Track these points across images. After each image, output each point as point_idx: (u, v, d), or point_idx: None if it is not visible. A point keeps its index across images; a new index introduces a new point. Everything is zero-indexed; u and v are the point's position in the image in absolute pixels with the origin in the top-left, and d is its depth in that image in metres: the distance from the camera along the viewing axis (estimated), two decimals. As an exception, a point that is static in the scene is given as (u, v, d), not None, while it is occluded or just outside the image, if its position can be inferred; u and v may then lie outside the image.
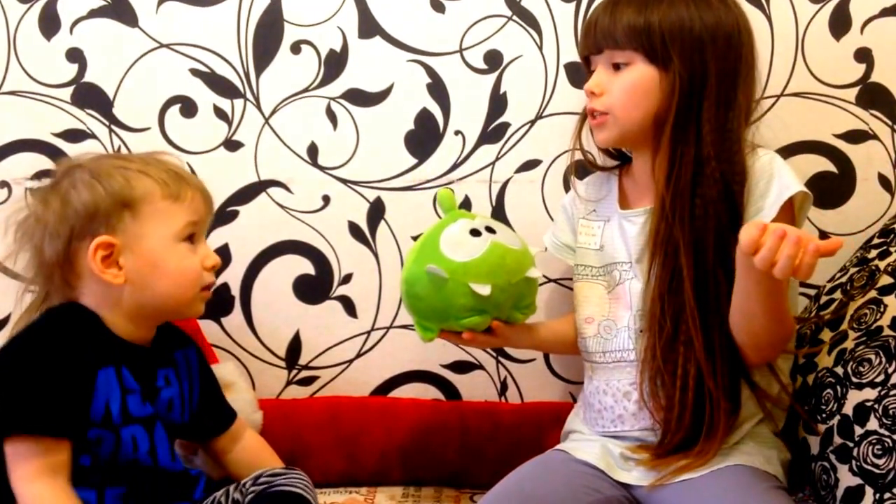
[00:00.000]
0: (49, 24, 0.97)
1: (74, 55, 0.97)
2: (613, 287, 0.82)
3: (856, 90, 0.97)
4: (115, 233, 0.70)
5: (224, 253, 1.00)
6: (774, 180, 0.76)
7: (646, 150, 0.80)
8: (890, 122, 0.97)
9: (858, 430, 0.72)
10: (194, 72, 0.98)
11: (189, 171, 0.78)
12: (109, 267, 0.70)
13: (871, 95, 0.97)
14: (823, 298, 0.88)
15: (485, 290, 0.78)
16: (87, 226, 0.70)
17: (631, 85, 0.77)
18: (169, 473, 0.73)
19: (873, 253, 0.87)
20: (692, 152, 0.76)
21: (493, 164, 0.99)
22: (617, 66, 0.78)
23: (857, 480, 0.71)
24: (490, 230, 0.81)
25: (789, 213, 0.76)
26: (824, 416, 0.77)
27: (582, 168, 0.98)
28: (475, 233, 0.80)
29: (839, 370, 0.77)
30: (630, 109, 0.77)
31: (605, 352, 0.82)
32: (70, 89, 0.98)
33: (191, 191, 0.74)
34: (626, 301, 0.81)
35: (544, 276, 1.00)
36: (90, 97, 0.97)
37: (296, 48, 0.98)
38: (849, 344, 0.78)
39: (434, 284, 0.79)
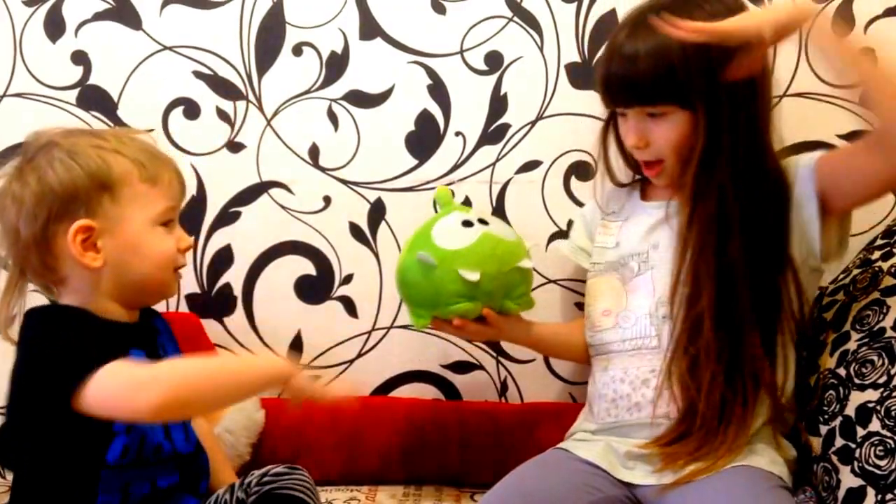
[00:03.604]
0: (54, 27, 0.98)
1: (79, 58, 0.99)
2: (631, 279, 0.83)
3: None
4: (94, 216, 0.69)
5: (226, 253, 1.01)
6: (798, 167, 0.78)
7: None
8: (894, 122, 0.97)
9: (861, 432, 0.72)
10: (197, 74, 0.99)
11: (160, 150, 0.74)
12: (88, 250, 0.69)
13: (874, 95, 0.96)
14: (826, 299, 0.88)
15: (473, 276, 0.79)
16: (66, 208, 0.68)
17: (677, 137, 0.77)
18: (185, 457, 0.73)
19: (876, 254, 0.86)
20: (725, 166, 0.76)
21: (493, 164, 0.99)
22: (651, 115, 0.78)
23: (858, 481, 0.70)
24: (483, 222, 0.83)
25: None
26: (826, 417, 0.76)
27: (583, 169, 0.99)
28: (467, 224, 0.82)
29: (841, 371, 0.77)
30: (684, 155, 0.78)
31: (623, 340, 0.82)
32: (75, 91, 0.99)
33: (167, 173, 0.73)
34: (647, 289, 0.81)
35: (545, 278, 1.00)
36: (95, 99, 0.99)
37: (297, 50, 0.99)
38: (851, 345, 0.78)
39: (424, 271, 0.81)
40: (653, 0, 0.79)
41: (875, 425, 0.71)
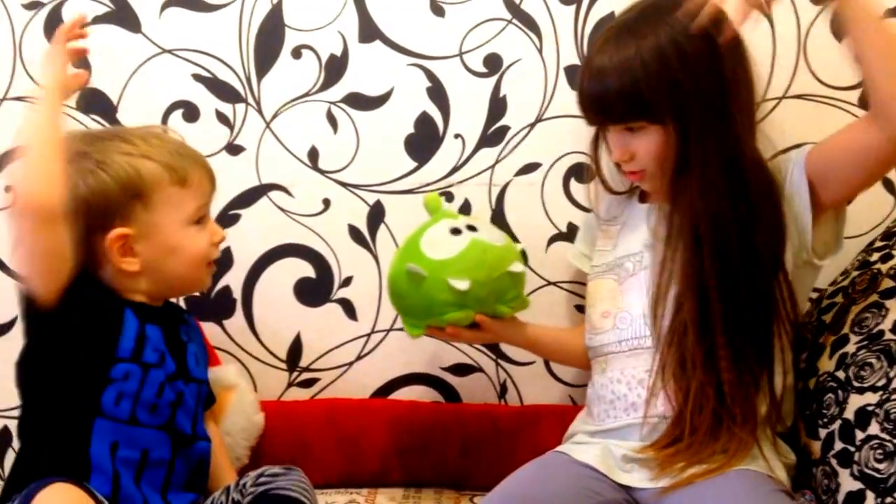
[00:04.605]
0: (54, 30, 0.97)
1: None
2: (626, 279, 0.83)
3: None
4: (129, 224, 0.73)
5: (226, 256, 1.01)
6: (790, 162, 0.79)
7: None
8: (893, 124, 0.97)
9: (860, 435, 0.72)
10: (196, 77, 0.99)
11: (188, 147, 0.78)
12: (126, 255, 0.73)
13: (874, 97, 0.96)
14: (825, 302, 0.88)
15: (463, 285, 0.79)
16: (101, 219, 0.72)
17: (655, 149, 0.78)
18: (181, 435, 0.74)
19: (875, 256, 0.86)
20: (697, 175, 0.77)
21: (492, 167, 0.99)
22: (630, 129, 0.79)
23: (858, 485, 0.70)
24: (471, 228, 0.83)
25: None
26: (825, 420, 0.76)
27: (582, 171, 0.98)
28: (456, 231, 0.83)
29: (840, 374, 0.77)
30: (663, 165, 0.79)
31: (620, 341, 0.83)
32: (75, 95, 0.98)
33: (196, 172, 0.76)
34: (641, 289, 0.82)
35: (545, 280, 1.00)
36: (95, 102, 0.99)
37: (297, 53, 0.99)
38: (850, 348, 0.78)
39: (414, 282, 0.81)
40: (622, 15, 0.81)
41: (874, 429, 0.71)
